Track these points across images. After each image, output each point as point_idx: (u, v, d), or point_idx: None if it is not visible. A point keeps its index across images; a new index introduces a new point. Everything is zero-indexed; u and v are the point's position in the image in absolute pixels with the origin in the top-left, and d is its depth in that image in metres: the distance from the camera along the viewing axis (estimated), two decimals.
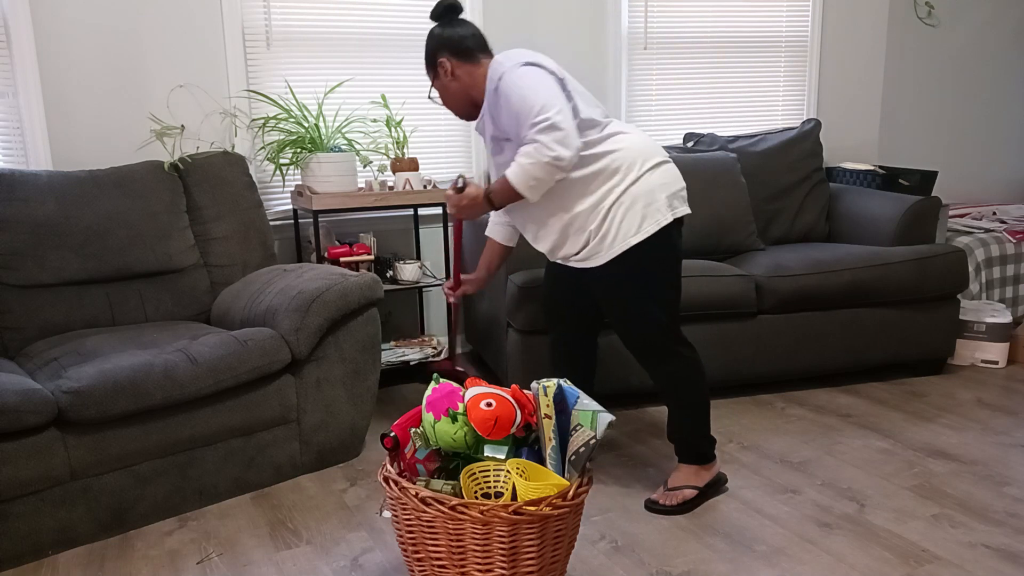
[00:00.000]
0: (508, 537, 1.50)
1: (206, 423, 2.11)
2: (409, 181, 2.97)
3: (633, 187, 1.97)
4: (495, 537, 1.50)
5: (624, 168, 1.97)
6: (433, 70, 2.09)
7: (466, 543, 1.52)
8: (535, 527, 1.51)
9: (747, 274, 2.82)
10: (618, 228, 1.97)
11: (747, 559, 1.86)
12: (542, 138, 1.83)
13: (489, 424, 1.60)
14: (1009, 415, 2.71)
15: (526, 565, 1.53)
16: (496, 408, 1.61)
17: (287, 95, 3.03)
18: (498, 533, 1.49)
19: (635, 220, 1.96)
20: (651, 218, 1.97)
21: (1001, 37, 4.25)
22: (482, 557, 1.52)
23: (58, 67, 2.69)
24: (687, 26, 3.63)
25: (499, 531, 1.49)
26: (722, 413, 2.79)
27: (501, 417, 1.60)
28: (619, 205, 1.97)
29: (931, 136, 4.21)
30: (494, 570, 1.52)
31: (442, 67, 2.05)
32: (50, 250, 2.41)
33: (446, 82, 2.07)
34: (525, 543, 1.52)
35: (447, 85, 2.07)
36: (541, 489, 1.52)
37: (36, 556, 1.93)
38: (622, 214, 1.96)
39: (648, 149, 2.02)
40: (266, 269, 2.64)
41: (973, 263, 3.44)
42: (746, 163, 3.31)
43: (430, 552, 1.57)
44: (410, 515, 1.57)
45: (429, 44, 2.07)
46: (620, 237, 1.97)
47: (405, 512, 1.59)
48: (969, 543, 1.91)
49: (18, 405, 1.80)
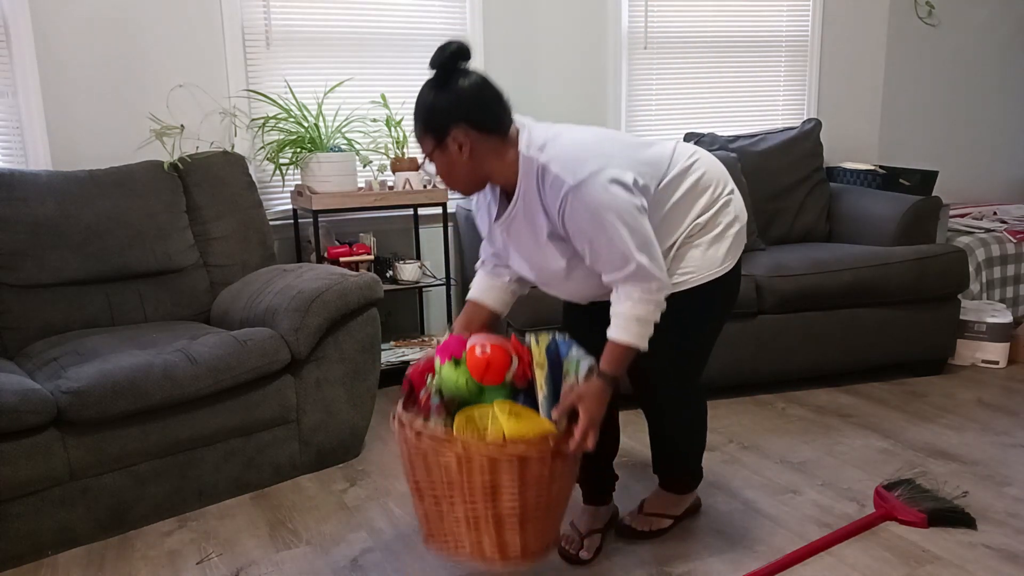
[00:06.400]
0: (489, 472, 1.51)
1: (206, 423, 2.11)
2: (409, 181, 2.96)
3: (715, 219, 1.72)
4: (476, 471, 1.52)
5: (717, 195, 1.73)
6: (436, 139, 1.56)
7: (452, 477, 1.54)
8: (514, 465, 1.51)
9: (747, 274, 2.81)
10: (701, 257, 1.71)
11: (747, 559, 1.86)
12: (640, 280, 1.56)
13: (482, 368, 1.61)
14: (1009, 415, 2.71)
15: (507, 505, 1.54)
16: (491, 354, 1.62)
17: (287, 95, 3.03)
18: (479, 467, 1.51)
19: (721, 249, 1.72)
20: (732, 251, 1.74)
21: (1001, 37, 4.24)
22: (468, 491, 1.54)
23: (58, 67, 2.69)
24: (687, 26, 3.62)
25: (480, 465, 1.51)
26: (722, 413, 2.78)
27: (493, 362, 1.61)
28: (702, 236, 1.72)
29: (931, 136, 4.21)
30: (477, 504, 1.54)
31: (454, 140, 1.54)
32: (50, 250, 2.40)
33: (455, 158, 1.57)
34: (505, 480, 1.52)
35: (455, 161, 1.57)
36: (525, 429, 1.53)
37: (36, 556, 1.93)
38: (708, 241, 1.71)
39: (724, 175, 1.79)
40: (266, 269, 2.64)
41: (974, 263, 3.43)
42: (746, 163, 3.31)
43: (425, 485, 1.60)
44: (410, 449, 1.59)
45: (438, 106, 1.54)
46: (701, 269, 1.71)
47: (406, 447, 1.61)
48: (969, 543, 1.91)
49: (18, 405, 1.80)
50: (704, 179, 1.73)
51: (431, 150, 1.58)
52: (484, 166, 1.59)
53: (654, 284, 1.57)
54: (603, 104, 3.57)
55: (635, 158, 1.62)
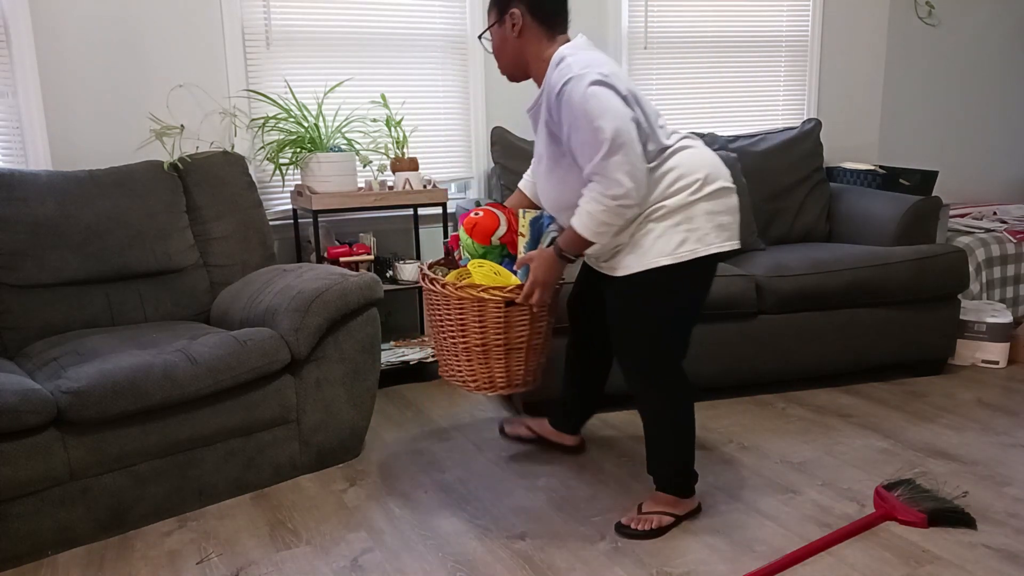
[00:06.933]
0: (456, 310, 1.98)
1: (205, 423, 2.11)
2: (409, 181, 2.96)
3: (686, 206, 1.81)
4: (452, 308, 1.99)
5: (685, 185, 1.82)
6: (499, 13, 1.87)
7: (441, 312, 2.03)
8: (477, 307, 1.95)
9: (747, 274, 2.81)
10: (652, 243, 1.81)
11: (747, 559, 1.86)
12: (607, 176, 1.70)
13: (470, 226, 2.06)
14: (1009, 415, 2.71)
15: (476, 339, 1.99)
16: (481, 217, 2.06)
17: (287, 95, 3.03)
18: (454, 305, 1.98)
19: (674, 240, 1.81)
20: (691, 243, 1.81)
21: (1001, 37, 4.25)
22: (449, 324, 2.02)
23: (58, 67, 2.69)
24: (687, 26, 3.62)
25: (453, 303, 1.98)
26: (722, 413, 2.78)
27: (480, 223, 2.05)
28: (662, 220, 1.82)
29: (931, 136, 4.21)
30: (455, 336, 2.02)
31: (511, 17, 1.85)
32: (49, 250, 2.40)
33: (508, 35, 1.87)
34: (471, 318, 1.97)
35: (507, 38, 1.88)
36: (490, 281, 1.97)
37: (35, 556, 1.93)
38: (662, 229, 1.81)
39: (719, 170, 1.86)
40: (266, 269, 2.64)
41: (974, 263, 3.43)
42: (746, 163, 3.31)
43: (435, 321, 2.08)
44: (425, 292, 2.08)
45: None
46: (651, 253, 1.81)
47: (425, 291, 2.08)
48: (969, 543, 1.91)
49: (18, 405, 1.80)
50: (685, 165, 1.83)
51: (492, 22, 1.90)
52: (527, 50, 1.87)
53: (617, 189, 1.71)
54: None
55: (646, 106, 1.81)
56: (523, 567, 1.85)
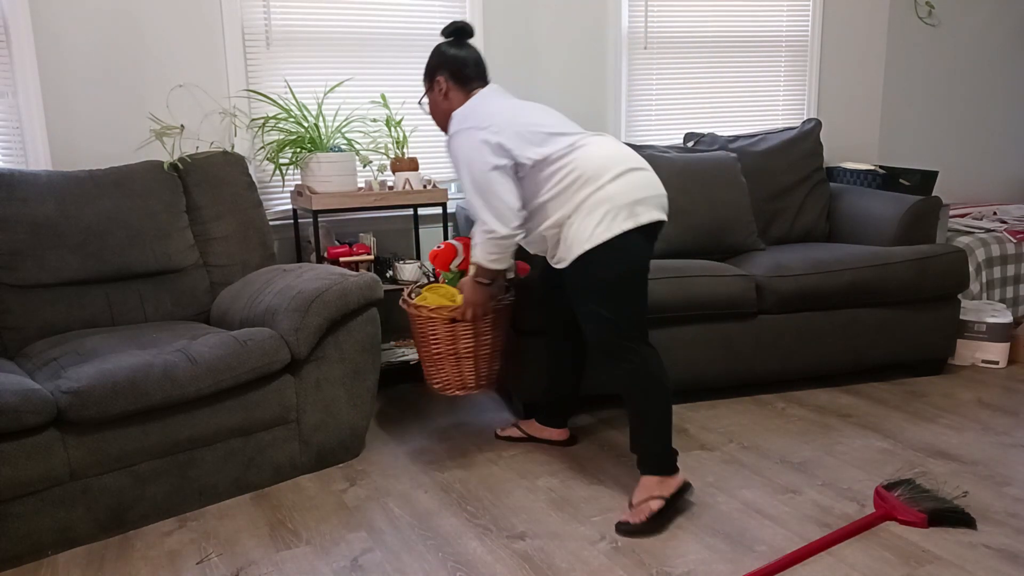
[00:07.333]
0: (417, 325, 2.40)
1: (205, 423, 2.11)
2: (409, 181, 2.96)
3: (595, 195, 2.03)
4: (416, 323, 2.40)
5: (586, 179, 2.04)
6: (429, 83, 2.27)
7: (414, 327, 2.43)
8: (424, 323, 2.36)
9: (747, 274, 2.81)
10: (576, 234, 2.04)
11: (747, 559, 1.86)
12: (476, 216, 2.07)
13: (432, 257, 2.47)
14: (1009, 415, 2.71)
15: (434, 349, 2.38)
16: (442, 249, 2.46)
17: (287, 95, 3.03)
18: (416, 321, 2.39)
19: (589, 226, 2.02)
20: (604, 225, 2.02)
21: (1001, 37, 4.25)
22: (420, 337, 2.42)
23: (58, 67, 2.69)
24: (687, 26, 3.62)
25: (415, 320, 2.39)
26: (722, 413, 2.79)
27: (440, 254, 2.46)
28: (579, 212, 2.04)
29: (931, 136, 4.21)
30: (424, 346, 2.41)
31: (438, 84, 2.24)
32: (49, 250, 2.40)
33: (437, 98, 2.26)
34: (428, 331, 2.37)
35: (437, 101, 2.27)
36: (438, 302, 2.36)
37: (35, 556, 1.93)
38: (580, 221, 2.04)
39: (614, 159, 2.06)
40: (266, 269, 2.64)
41: (974, 263, 3.43)
42: (746, 163, 3.31)
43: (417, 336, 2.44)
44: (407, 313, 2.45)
45: (433, 58, 2.25)
46: (577, 243, 2.04)
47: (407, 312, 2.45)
48: (969, 543, 1.91)
49: (18, 405, 1.80)
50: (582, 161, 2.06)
51: (427, 91, 2.29)
52: (452, 107, 2.22)
53: (484, 227, 2.08)
54: (603, 104, 3.57)
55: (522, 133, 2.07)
56: (523, 567, 1.85)
